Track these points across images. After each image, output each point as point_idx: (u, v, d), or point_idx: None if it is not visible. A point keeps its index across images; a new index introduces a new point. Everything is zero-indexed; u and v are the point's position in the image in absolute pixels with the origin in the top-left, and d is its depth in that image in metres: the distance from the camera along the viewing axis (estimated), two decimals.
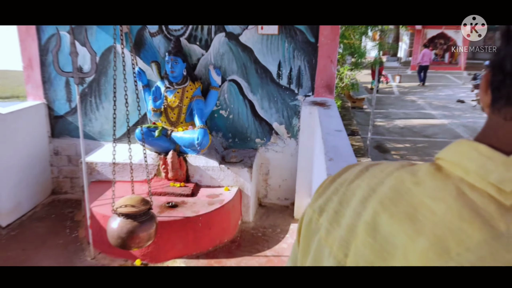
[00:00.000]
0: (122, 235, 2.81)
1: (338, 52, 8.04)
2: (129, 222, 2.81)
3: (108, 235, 2.85)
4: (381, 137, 10.02)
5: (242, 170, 3.69)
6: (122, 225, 2.81)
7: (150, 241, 2.91)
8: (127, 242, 2.84)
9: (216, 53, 3.83)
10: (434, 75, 20.63)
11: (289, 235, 3.68)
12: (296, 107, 3.93)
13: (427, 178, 0.48)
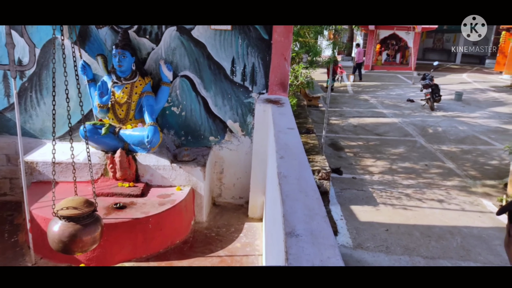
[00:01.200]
0: (64, 239, 2.64)
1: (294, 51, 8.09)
2: (71, 225, 2.64)
3: (49, 239, 2.67)
4: (335, 135, 10.21)
5: (195, 169, 3.59)
6: (63, 228, 2.63)
7: (95, 245, 2.74)
8: (70, 247, 2.67)
9: (167, 47, 3.70)
10: (386, 75, 21.37)
11: (243, 234, 3.63)
12: (251, 105, 3.87)
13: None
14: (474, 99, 15.34)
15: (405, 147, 9.30)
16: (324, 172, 6.24)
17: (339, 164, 8.00)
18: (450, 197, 6.68)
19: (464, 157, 8.73)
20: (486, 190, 7.08)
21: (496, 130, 10.98)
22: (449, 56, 28.73)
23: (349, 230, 5.56)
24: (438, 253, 5.06)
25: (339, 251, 1.30)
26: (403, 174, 7.66)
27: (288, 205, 1.63)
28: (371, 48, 22.41)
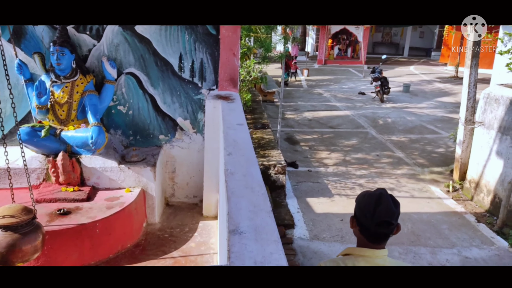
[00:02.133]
0: (1, 250, 2.45)
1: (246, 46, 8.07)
2: (8, 235, 2.45)
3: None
4: (291, 129, 10.32)
5: (144, 170, 3.47)
6: (0, 238, 2.45)
7: (36, 254, 2.58)
8: (9, 257, 2.49)
9: (110, 43, 3.54)
10: (338, 69, 21.88)
11: (197, 233, 3.56)
12: (201, 101, 3.80)
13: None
14: (421, 90, 16.04)
15: (357, 138, 9.56)
16: (280, 166, 6.28)
17: (295, 158, 8.10)
18: (400, 185, 6.94)
19: (413, 146, 9.10)
20: (434, 177, 7.42)
21: (442, 119, 11.54)
22: (397, 50, 29.88)
23: (305, 222, 5.63)
24: (391, 240, 5.19)
25: (281, 246, 1.28)
26: (356, 165, 7.87)
27: (233, 202, 1.59)
28: (323, 43, 22.85)
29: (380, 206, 1.61)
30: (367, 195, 1.71)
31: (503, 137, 5.86)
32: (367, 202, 1.67)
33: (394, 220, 1.64)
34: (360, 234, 1.70)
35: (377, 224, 1.61)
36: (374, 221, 1.61)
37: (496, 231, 5.54)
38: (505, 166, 5.80)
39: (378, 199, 1.64)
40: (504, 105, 5.87)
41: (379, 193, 1.68)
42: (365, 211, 1.65)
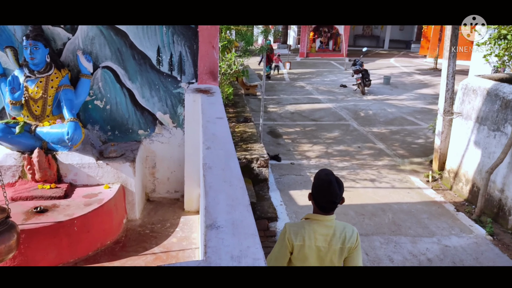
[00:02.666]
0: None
1: (229, 39, 8.00)
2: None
3: None
4: (273, 122, 10.32)
5: (123, 165, 3.41)
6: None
7: (11, 254, 2.51)
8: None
9: (85, 37, 3.45)
10: (320, 62, 21.95)
11: (179, 229, 3.53)
12: (180, 95, 3.75)
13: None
14: (401, 82, 16.24)
15: (339, 131, 9.64)
16: (263, 159, 6.28)
17: (278, 151, 8.11)
18: (381, 176, 7.03)
19: (393, 138, 9.22)
20: (414, 167, 7.53)
21: (422, 110, 11.71)
22: (378, 42, 30.16)
23: (288, 215, 5.66)
24: (372, 230, 5.30)
25: (259, 240, 1.27)
26: (338, 157, 7.93)
27: (210, 197, 1.57)
28: (305, 36, 22.88)
29: (329, 190, 2.27)
30: (321, 181, 2.32)
31: (481, 127, 5.98)
32: (320, 187, 2.32)
33: (337, 199, 2.31)
34: (315, 205, 2.38)
35: (326, 201, 2.29)
36: (324, 200, 2.30)
37: (474, 219, 5.67)
38: (483, 155, 5.93)
39: (328, 185, 2.28)
40: (481, 95, 5.99)
41: (328, 179, 2.29)
42: (318, 193, 2.32)
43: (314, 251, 2.33)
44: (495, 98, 5.72)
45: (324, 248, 2.32)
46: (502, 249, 4.98)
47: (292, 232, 2.33)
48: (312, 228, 2.32)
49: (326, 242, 2.32)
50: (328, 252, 2.34)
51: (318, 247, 2.32)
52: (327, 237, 2.32)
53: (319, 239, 2.31)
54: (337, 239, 2.32)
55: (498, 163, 5.46)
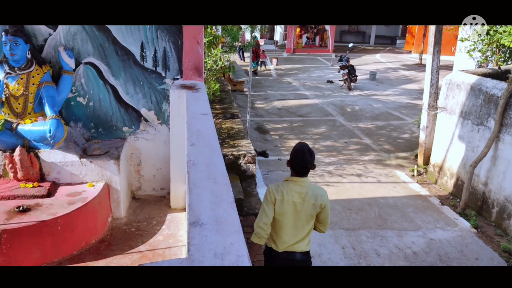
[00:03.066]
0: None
1: (215, 34, 7.94)
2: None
3: None
4: (261, 118, 10.32)
5: (108, 163, 3.36)
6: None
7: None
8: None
9: (67, 32, 3.38)
10: (306, 58, 21.99)
11: (165, 226, 3.50)
12: (165, 91, 3.70)
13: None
14: (387, 78, 16.38)
15: (326, 126, 9.68)
16: (250, 156, 6.26)
17: (265, 147, 8.11)
18: (367, 171, 7.09)
19: (379, 133, 9.30)
20: (399, 162, 7.61)
21: (407, 105, 11.84)
22: (364, 38, 30.33)
23: None
24: (359, 224, 5.35)
25: (243, 237, 1.26)
26: (325, 152, 7.97)
27: (194, 194, 1.55)
28: (292, 32, 22.88)
29: (303, 158, 2.92)
30: (296, 151, 2.96)
31: (465, 122, 6.06)
32: (295, 155, 2.96)
33: (309, 165, 2.94)
34: (292, 170, 2.99)
35: (300, 167, 2.93)
36: (298, 165, 2.93)
37: (459, 212, 5.76)
38: (467, 149, 6.01)
39: (302, 154, 2.92)
40: (465, 90, 6.07)
41: (302, 150, 2.94)
42: (294, 160, 2.96)
43: (291, 206, 2.92)
44: (478, 93, 5.80)
45: (299, 204, 2.92)
46: (486, 241, 5.07)
47: (274, 189, 2.96)
48: (290, 187, 2.93)
49: (301, 198, 2.92)
50: (302, 206, 2.93)
51: (294, 202, 2.92)
52: (302, 195, 2.92)
53: (295, 196, 2.92)
54: (310, 197, 2.92)
55: (481, 157, 5.55)
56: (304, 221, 2.96)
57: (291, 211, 2.91)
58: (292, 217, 2.93)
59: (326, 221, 3.07)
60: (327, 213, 3.01)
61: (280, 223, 2.96)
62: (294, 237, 2.99)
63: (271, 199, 2.92)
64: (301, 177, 2.95)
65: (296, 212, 2.92)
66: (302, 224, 2.97)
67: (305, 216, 2.94)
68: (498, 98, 5.40)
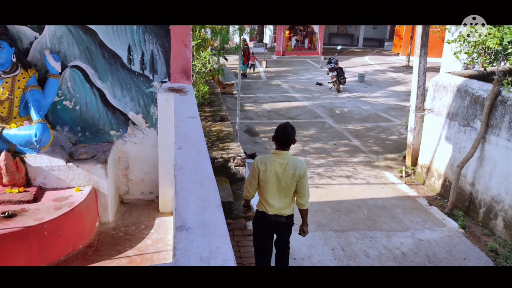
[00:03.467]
0: None
1: (204, 37, 7.92)
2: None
3: None
4: (250, 121, 10.32)
5: (95, 167, 3.33)
6: None
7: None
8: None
9: (53, 35, 3.35)
10: (296, 60, 22.07)
11: (154, 230, 3.47)
12: (153, 94, 3.68)
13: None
14: (375, 80, 16.51)
15: (315, 128, 9.71)
16: (240, 158, 6.26)
17: (255, 150, 8.11)
18: (356, 172, 7.13)
19: (368, 134, 9.36)
20: (388, 163, 7.67)
21: (395, 107, 11.94)
22: (353, 40, 30.56)
23: None
24: (348, 226, 5.37)
25: (229, 240, 1.25)
26: (315, 154, 7.99)
27: (181, 198, 1.55)
28: (281, 34, 22.95)
29: (284, 132, 3.49)
30: (279, 127, 3.54)
31: (451, 123, 6.14)
32: (278, 130, 3.52)
33: (291, 137, 3.50)
34: (276, 144, 3.54)
35: (283, 139, 3.48)
36: (280, 139, 3.50)
37: (447, 213, 5.82)
38: (454, 150, 6.09)
39: (283, 129, 3.50)
40: (451, 92, 6.14)
41: (284, 125, 3.53)
42: (277, 134, 3.51)
43: (274, 174, 3.49)
44: (464, 94, 5.88)
45: (280, 173, 3.47)
46: (473, 241, 5.13)
47: (259, 161, 3.55)
48: (273, 159, 3.50)
49: (282, 168, 3.47)
50: (283, 175, 3.47)
51: (276, 171, 3.48)
52: (283, 165, 3.47)
53: (277, 166, 3.48)
54: (290, 167, 3.45)
55: (468, 158, 5.62)
56: (286, 188, 3.50)
57: (274, 179, 3.49)
58: (275, 184, 3.50)
59: (303, 192, 3.53)
60: (303, 182, 3.49)
61: (265, 189, 3.55)
62: (279, 202, 3.55)
63: (256, 171, 3.55)
64: (284, 150, 3.51)
65: (278, 180, 3.49)
66: (284, 190, 3.52)
67: (286, 183, 3.48)
68: (484, 100, 5.48)
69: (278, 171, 3.46)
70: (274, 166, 3.47)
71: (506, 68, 6.49)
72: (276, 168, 3.47)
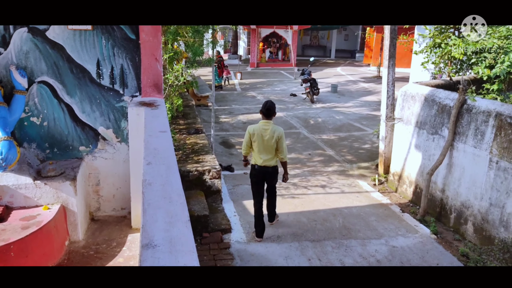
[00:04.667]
0: None
1: (177, 50, 7.92)
2: None
3: None
4: (226, 133, 10.31)
5: (63, 184, 3.25)
6: None
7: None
8: None
9: (19, 51, 3.27)
10: (270, 72, 22.29)
11: (126, 247, 3.40)
12: (124, 109, 3.64)
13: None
14: (348, 90, 16.84)
15: (290, 139, 9.79)
16: (215, 171, 6.23)
17: (231, 161, 8.10)
18: (331, 181, 7.21)
19: (342, 144, 9.51)
20: (361, 171, 7.80)
21: (367, 116, 12.20)
22: (325, 52, 31.14)
23: (242, 226, 5.64)
24: (324, 235, 5.40)
25: (196, 257, 1.25)
26: (290, 164, 8.04)
27: (149, 214, 1.53)
28: (255, 46, 23.16)
29: (267, 105, 4.95)
30: (264, 102, 5.00)
31: (420, 131, 6.31)
32: (264, 104, 4.95)
33: (272, 109, 4.96)
34: (262, 115, 4.98)
35: (266, 110, 4.93)
36: (265, 109, 4.94)
37: (419, 219, 5.95)
38: (423, 158, 6.25)
39: (266, 102, 4.97)
40: (419, 101, 6.33)
41: (267, 101, 5.01)
42: (263, 108, 4.94)
43: (260, 137, 4.96)
44: (432, 103, 6.07)
45: (264, 136, 4.94)
46: (445, 247, 5.25)
47: (251, 129, 5.06)
48: (259, 126, 5.00)
49: (266, 132, 4.94)
50: (267, 137, 4.93)
51: (262, 135, 4.95)
52: (267, 130, 4.94)
53: (262, 131, 4.96)
54: (271, 131, 4.93)
55: (437, 165, 5.78)
56: (269, 146, 4.96)
57: (260, 140, 4.97)
58: (261, 143, 4.98)
59: (281, 149, 5.00)
60: (281, 142, 4.96)
61: (255, 147, 5.06)
62: (265, 156, 5.01)
63: (249, 136, 5.07)
64: (267, 119, 4.99)
65: (263, 140, 4.96)
66: (268, 148, 4.98)
67: (269, 143, 4.95)
68: (450, 108, 5.67)
69: (263, 134, 4.95)
70: (261, 131, 4.96)
71: (471, 77, 6.75)
72: (262, 132, 4.95)
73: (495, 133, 4.98)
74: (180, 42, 8.37)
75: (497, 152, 4.94)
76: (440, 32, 6.84)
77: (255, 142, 5.01)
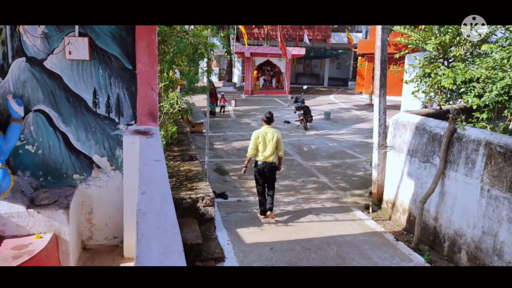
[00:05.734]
0: None
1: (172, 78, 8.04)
2: None
3: None
4: (220, 159, 10.33)
5: (56, 213, 3.24)
6: None
7: None
8: None
9: (16, 80, 3.33)
10: (264, 99, 22.56)
11: None
12: (119, 137, 3.68)
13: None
14: (341, 118, 17.05)
15: (284, 166, 9.81)
16: (208, 198, 6.21)
17: (225, 188, 8.08)
18: (325, 209, 7.19)
19: (335, 171, 9.55)
20: (355, 199, 7.81)
21: (360, 144, 12.30)
22: (318, 80, 31.67)
23: (236, 254, 5.58)
24: (318, 264, 5.36)
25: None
26: (284, 192, 8.04)
27: (142, 245, 1.54)
28: (249, 74, 23.51)
29: (268, 115, 6.57)
30: (266, 113, 6.62)
31: (412, 159, 6.38)
32: (265, 114, 6.60)
33: (271, 118, 6.60)
34: (264, 122, 6.56)
35: (267, 118, 6.55)
36: (266, 117, 6.55)
37: (413, 248, 5.93)
38: (416, 186, 6.29)
39: (268, 113, 6.60)
40: (410, 130, 6.43)
41: (268, 112, 6.65)
42: (265, 117, 6.55)
43: (263, 139, 6.37)
44: (423, 132, 6.17)
45: (267, 138, 6.38)
46: None
47: (256, 134, 6.42)
48: (263, 130, 6.44)
49: (268, 135, 6.39)
50: (269, 139, 6.39)
51: (264, 137, 6.38)
52: (268, 134, 6.40)
53: (265, 134, 6.40)
54: (272, 134, 6.40)
55: (430, 193, 5.82)
56: (271, 146, 6.39)
57: (264, 142, 6.39)
58: (264, 144, 6.40)
59: (280, 147, 6.49)
60: (280, 142, 6.47)
61: (260, 147, 6.42)
62: (267, 153, 6.41)
63: (255, 138, 6.43)
64: (268, 125, 6.50)
65: (266, 142, 6.40)
66: (270, 147, 6.40)
67: (270, 143, 6.40)
68: (441, 137, 5.76)
69: (266, 136, 6.41)
70: (264, 133, 6.42)
71: (461, 106, 6.90)
72: (265, 135, 6.41)
73: (486, 162, 5.06)
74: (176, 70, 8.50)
75: (488, 181, 5.00)
76: (430, 62, 7.03)
77: (260, 143, 6.42)
